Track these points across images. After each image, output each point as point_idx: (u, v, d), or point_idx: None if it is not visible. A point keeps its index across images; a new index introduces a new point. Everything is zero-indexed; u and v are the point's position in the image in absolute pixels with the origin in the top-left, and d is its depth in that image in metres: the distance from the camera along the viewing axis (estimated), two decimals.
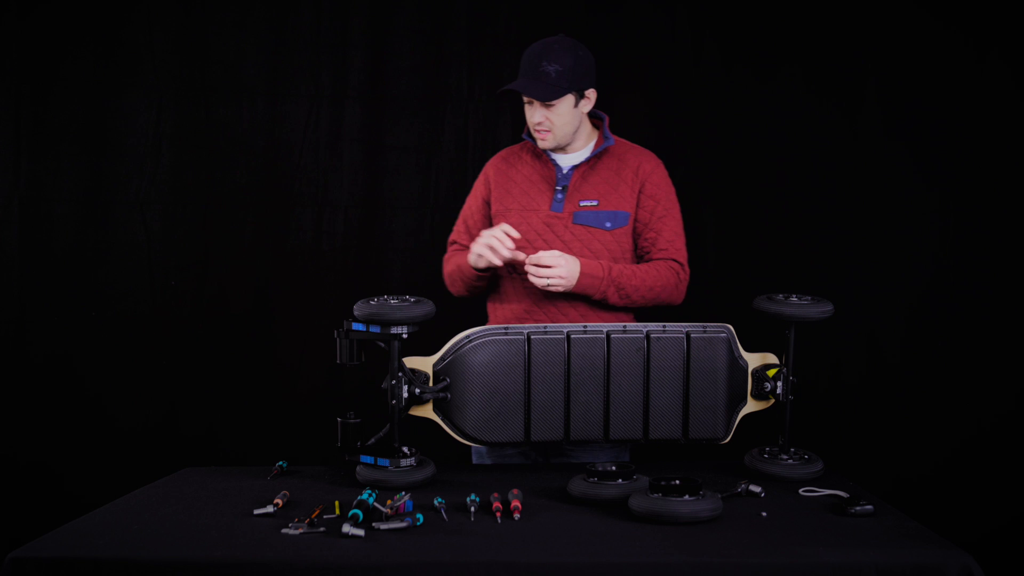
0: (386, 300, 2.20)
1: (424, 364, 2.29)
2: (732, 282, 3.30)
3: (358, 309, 2.19)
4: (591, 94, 2.51)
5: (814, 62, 3.29)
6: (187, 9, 3.34)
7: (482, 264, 2.43)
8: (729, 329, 2.34)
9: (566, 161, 2.56)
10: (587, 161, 2.53)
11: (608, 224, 2.49)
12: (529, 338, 2.27)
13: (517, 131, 2.75)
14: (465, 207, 2.68)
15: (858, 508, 1.96)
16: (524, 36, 3.29)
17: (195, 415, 3.39)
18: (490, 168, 2.65)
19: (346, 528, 1.80)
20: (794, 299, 2.30)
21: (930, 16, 3.22)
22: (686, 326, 2.31)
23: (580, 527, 1.88)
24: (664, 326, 2.30)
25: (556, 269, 2.34)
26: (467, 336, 2.27)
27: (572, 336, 2.28)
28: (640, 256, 2.56)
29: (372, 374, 2.37)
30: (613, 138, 2.56)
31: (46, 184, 3.35)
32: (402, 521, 1.85)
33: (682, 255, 2.55)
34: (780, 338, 2.32)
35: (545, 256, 2.36)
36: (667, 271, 2.49)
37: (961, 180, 3.24)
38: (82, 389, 3.36)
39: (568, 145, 2.53)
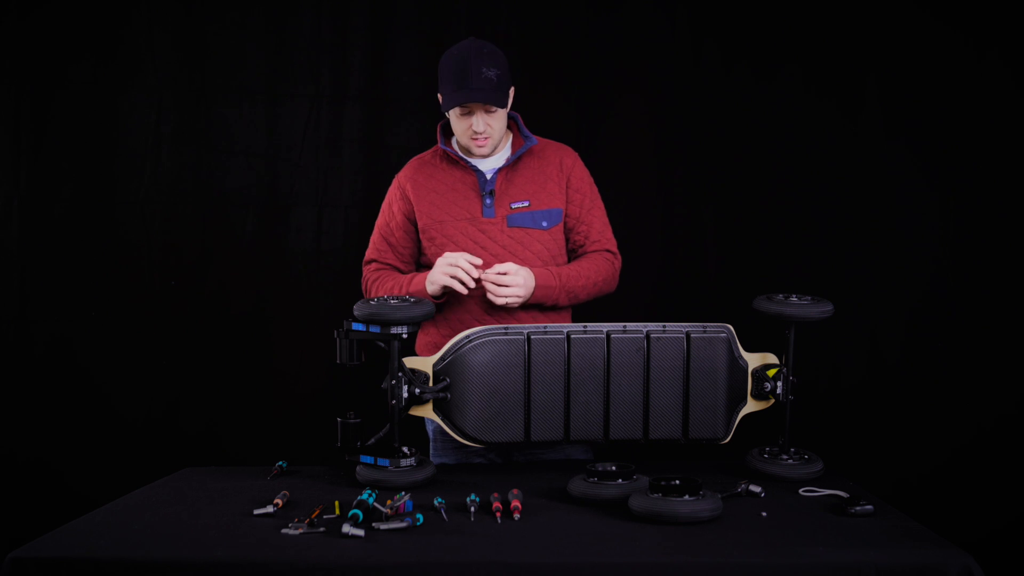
0: (386, 300, 2.20)
1: (424, 364, 2.28)
2: (732, 282, 3.31)
3: (358, 309, 2.19)
4: (512, 93, 2.49)
5: (814, 62, 3.29)
6: (187, 9, 3.35)
7: (442, 290, 2.39)
8: (729, 329, 2.34)
9: (487, 165, 2.50)
10: (509, 163, 2.49)
11: (545, 223, 2.48)
12: (529, 338, 2.26)
13: None
14: (381, 224, 2.58)
15: (858, 508, 1.96)
16: (524, 36, 3.32)
17: (195, 415, 3.39)
18: (405, 181, 2.55)
19: (346, 528, 1.80)
20: (794, 299, 2.29)
21: (930, 16, 3.22)
22: (686, 326, 2.31)
23: (580, 527, 1.88)
24: (664, 326, 2.30)
25: (514, 287, 2.33)
26: (467, 336, 2.27)
27: (572, 336, 2.27)
28: (573, 250, 2.56)
29: (372, 374, 2.37)
30: (533, 137, 2.53)
31: (46, 184, 3.35)
32: (402, 521, 1.85)
33: (613, 244, 2.58)
34: (780, 338, 2.32)
35: (502, 267, 2.34)
36: (605, 263, 2.52)
37: (961, 180, 3.24)
38: (82, 388, 3.36)
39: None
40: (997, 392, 3.23)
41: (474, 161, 2.50)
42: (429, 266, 2.51)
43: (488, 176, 2.49)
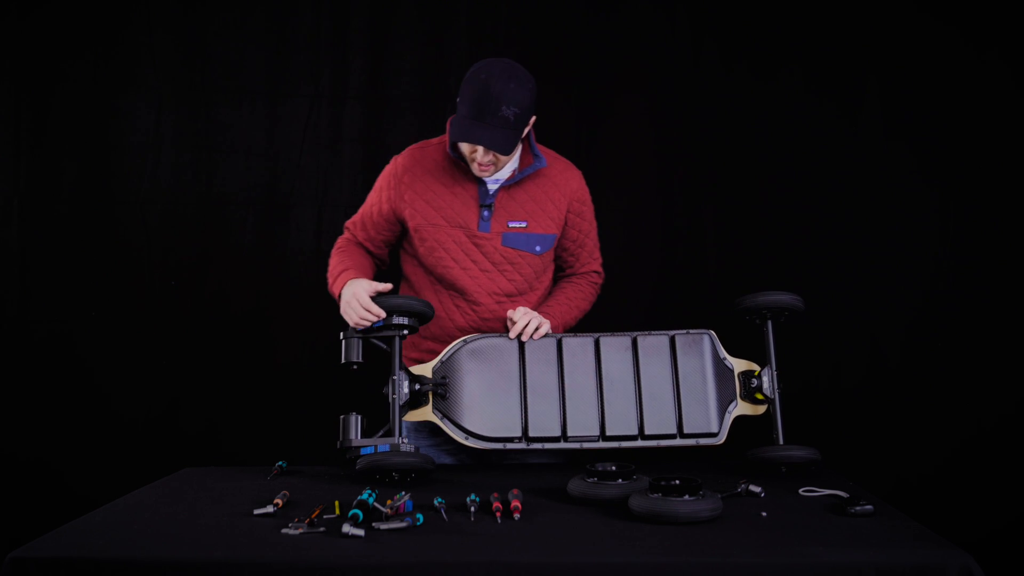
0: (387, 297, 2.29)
1: (424, 370, 2.34)
2: (732, 282, 3.30)
3: None
4: (532, 120, 2.37)
5: (814, 62, 3.29)
6: (187, 9, 3.34)
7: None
8: (711, 333, 2.40)
9: (491, 176, 2.43)
10: (514, 181, 2.44)
11: (538, 248, 2.46)
12: (522, 342, 2.34)
13: None
14: (367, 204, 2.54)
15: (858, 508, 1.96)
16: (524, 36, 3.31)
17: (195, 416, 3.38)
18: (403, 173, 2.46)
19: (346, 528, 1.80)
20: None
21: (930, 15, 3.22)
22: (670, 332, 2.38)
23: (580, 527, 1.88)
24: (648, 333, 2.38)
25: (533, 320, 2.36)
26: (464, 340, 2.34)
27: (564, 338, 2.36)
28: (562, 268, 2.60)
29: (372, 377, 2.38)
30: (544, 157, 2.45)
31: (46, 184, 3.35)
32: (402, 521, 1.85)
33: (599, 261, 2.63)
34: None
35: (515, 317, 2.36)
36: (590, 288, 2.60)
37: (961, 180, 3.24)
38: (82, 388, 3.36)
39: None
40: (997, 392, 3.23)
41: None
42: (418, 259, 2.50)
43: (490, 190, 2.44)
